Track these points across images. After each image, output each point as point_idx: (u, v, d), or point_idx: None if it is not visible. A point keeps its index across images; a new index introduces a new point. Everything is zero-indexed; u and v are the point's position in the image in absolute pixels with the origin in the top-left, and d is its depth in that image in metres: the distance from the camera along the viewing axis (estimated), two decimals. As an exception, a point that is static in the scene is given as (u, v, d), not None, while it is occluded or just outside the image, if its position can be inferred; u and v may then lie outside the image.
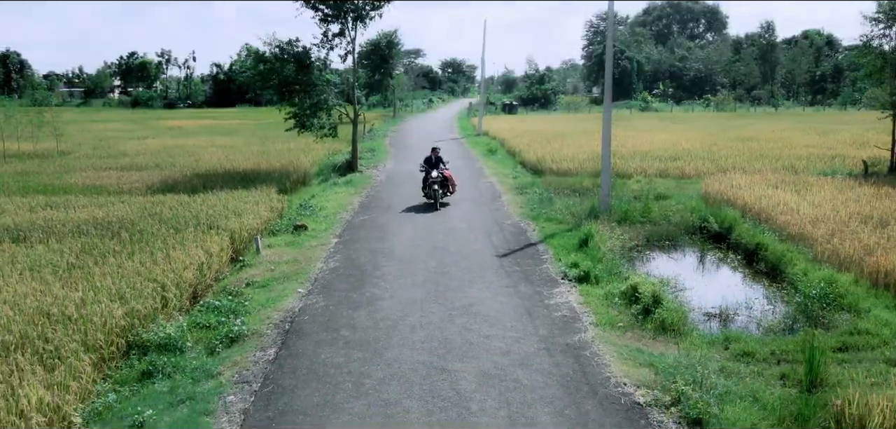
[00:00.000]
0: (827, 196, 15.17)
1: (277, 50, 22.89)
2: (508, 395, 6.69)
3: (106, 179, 21.37)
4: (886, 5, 20.17)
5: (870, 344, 8.09)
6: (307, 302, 9.70)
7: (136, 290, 9.10)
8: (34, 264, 10.53)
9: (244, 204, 15.74)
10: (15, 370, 6.66)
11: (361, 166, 25.07)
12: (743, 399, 6.65)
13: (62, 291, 9.02)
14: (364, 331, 8.49)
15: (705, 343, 8.22)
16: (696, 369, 7.06)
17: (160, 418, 6.30)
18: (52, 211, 15.30)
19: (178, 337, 8.14)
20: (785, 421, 6.24)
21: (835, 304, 9.42)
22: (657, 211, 15.99)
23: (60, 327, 7.78)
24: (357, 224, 15.30)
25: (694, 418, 6.23)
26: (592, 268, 10.90)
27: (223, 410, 6.49)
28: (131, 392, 6.97)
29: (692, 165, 22.21)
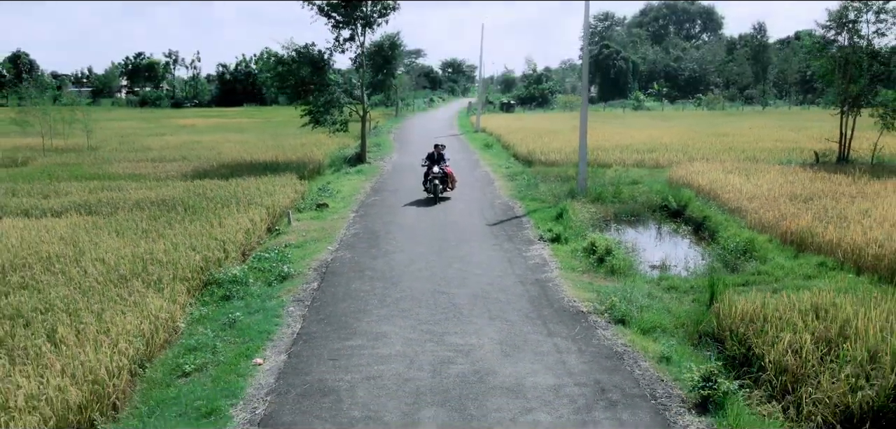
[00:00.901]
0: (769, 179, 17.82)
1: (294, 53, 25.58)
2: (490, 305, 9.34)
3: (142, 169, 23.98)
4: (835, 13, 22.79)
5: (765, 280, 10.70)
6: (336, 255, 12.36)
7: (203, 244, 11.76)
8: (117, 229, 13.18)
9: (272, 187, 18.38)
10: (137, 291, 9.29)
11: (370, 158, 27.72)
12: (658, 310, 9.28)
13: (147, 245, 11.68)
14: (383, 272, 11.14)
15: (643, 281, 10.86)
16: (628, 292, 9.72)
17: (245, 319, 8.94)
18: (110, 193, 17.95)
19: (242, 276, 10.79)
20: (683, 322, 8.87)
21: (749, 255, 12.06)
22: (627, 193, 18.63)
23: (156, 266, 10.43)
24: (370, 203, 17.95)
25: (619, 318, 8.87)
26: (563, 232, 13.55)
27: (287, 315, 9.14)
28: (217, 308, 9.61)
29: (666, 157, 24.84)
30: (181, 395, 6.75)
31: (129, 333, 7.76)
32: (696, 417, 6.36)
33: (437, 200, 17.54)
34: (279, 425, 6.16)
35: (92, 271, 10.12)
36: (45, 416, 6.00)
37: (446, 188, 18.19)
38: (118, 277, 9.93)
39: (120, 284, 9.55)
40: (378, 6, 25.97)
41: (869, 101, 22.94)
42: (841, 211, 13.49)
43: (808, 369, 6.84)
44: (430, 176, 17.89)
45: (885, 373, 6.44)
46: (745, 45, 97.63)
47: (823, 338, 7.35)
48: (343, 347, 7.96)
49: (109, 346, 7.32)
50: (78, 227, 13.49)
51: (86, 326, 7.78)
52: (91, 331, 7.63)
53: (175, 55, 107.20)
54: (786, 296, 8.65)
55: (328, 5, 25.54)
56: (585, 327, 8.68)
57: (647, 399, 6.68)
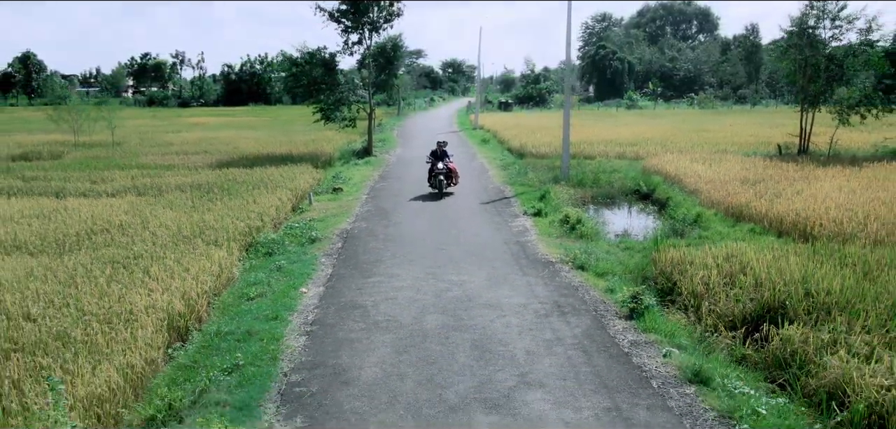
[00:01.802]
0: (728, 167, 20.31)
1: (307, 56, 28.10)
2: (480, 258, 11.86)
3: (170, 160, 26.47)
4: (797, 20, 25.28)
5: (703, 242, 13.19)
6: (354, 225, 14.88)
7: (243, 215, 14.26)
8: (169, 205, 15.70)
9: (291, 174, 20.89)
10: (200, 246, 11.79)
11: (376, 151, 30.23)
12: (612, 262, 11.76)
13: (198, 216, 14.19)
14: (393, 236, 13.66)
15: (605, 243, 13.37)
16: (590, 250, 12.22)
17: (288, 266, 11.45)
18: (150, 179, 20.45)
19: (279, 239, 13.30)
20: (631, 269, 11.36)
21: (696, 225, 14.55)
22: (605, 180, 21.14)
23: (210, 230, 12.93)
24: (378, 188, 20.45)
25: (579, 266, 11.37)
26: (544, 209, 16.06)
27: (320, 264, 11.66)
28: (263, 260, 12.11)
29: (646, 150, 27.32)
30: (251, 309, 9.26)
31: (203, 271, 10.27)
32: (624, 321, 8.86)
33: (441, 196, 18.54)
34: (326, 324, 8.67)
35: (160, 234, 12.65)
36: (160, 318, 8.49)
37: (450, 184, 18.91)
38: (182, 237, 12.45)
39: (185, 243, 12.06)
40: (383, 12, 28.45)
41: (826, 99, 25.44)
42: (778, 190, 15.99)
43: (711, 293, 9.33)
44: (435, 172, 18.58)
45: (762, 294, 8.92)
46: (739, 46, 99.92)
47: (727, 273, 9.86)
48: (366, 282, 10.47)
49: (192, 278, 9.82)
50: (134, 204, 16.02)
51: (170, 267, 10.28)
52: (177, 269, 10.14)
53: (181, 56, 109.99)
54: (707, 247, 11.16)
55: (338, 12, 28.04)
56: (552, 271, 11.19)
57: (591, 312, 9.18)
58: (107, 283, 9.47)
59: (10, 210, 15.52)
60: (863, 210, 13.18)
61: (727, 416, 6.28)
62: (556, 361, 7.45)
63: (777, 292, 8.70)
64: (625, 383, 6.93)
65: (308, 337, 8.26)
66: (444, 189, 18.56)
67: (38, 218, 14.57)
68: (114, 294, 8.93)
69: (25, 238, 12.75)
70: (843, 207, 13.59)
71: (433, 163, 18.77)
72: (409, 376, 7.08)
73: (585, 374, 7.14)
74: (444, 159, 18.78)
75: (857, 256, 10.04)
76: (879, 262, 9.74)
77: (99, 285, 9.32)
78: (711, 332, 8.41)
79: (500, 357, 7.54)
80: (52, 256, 11.47)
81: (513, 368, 7.25)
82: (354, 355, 7.67)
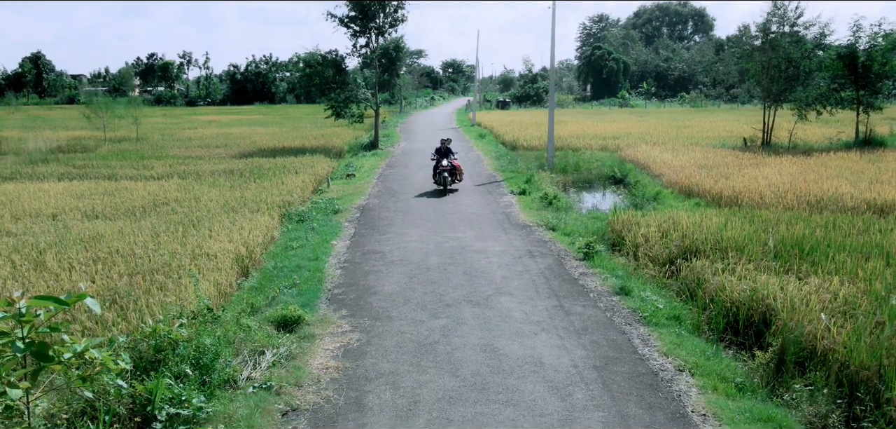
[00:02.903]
0: (693, 156, 23.19)
1: (320, 57, 31.00)
2: (471, 223, 14.76)
3: (196, 152, 29.38)
4: (760, 25, 28.17)
5: (654, 211, 16.06)
6: (368, 201, 17.78)
7: (276, 192, 17.14)
8: (211, 186, 18.58)
9: (310, 162, 23.79)
10: (247, 213, 14.66)
11: (382, 145, 33.12)
12: (579, 226, 14.62)
13: (239, 193, 17.08)
14: (401, 209, 16.55)
15: (576, 214, 16.23)
16: (562, 217, 15.10)
17: (319, 228, 14.33)
18: (187, 166, 23.35)
19: (308, 210, 16.18)
20: (593, 231, 14.22)
21: (654, 200, 17.42)
22: (585, 167, 24.03)
23: (252, 203, 15.82)
24: (386, 174, 23.35)
25: (551, 228, 14.26)
26: (528, 189, 18.95)
27: (344, 227, 14.55)
28: (297, 225, 14.97)
29: (626, 143, 30.17)
30: (296, 254, 12.15)
31: (253, 229, 13.15)
32: (578, 261, 11.74)
33: (446, 192, 18.69)
34: (354, 262, 11.56)
35: (211, 205, 15.56)
36: (230, 257, 11.35)
37: (454, 180, 19.07)
38: (230, 207, 15.35)
39: (233, 211, 14.96)
40: (389, 18, 31.34)
41: (786, 97, 28.33)
42: (727, 174, 18.88)
43: (647, 243, 12.21)
44: (440, 169, 18.76)
45: (684, 242, 11.78)
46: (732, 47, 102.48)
47: (663, 230, 12.74)
48: (382, 237, 13.38)
49: (246, 234, 12.70)
50: (181, 185, 18.92)
51: (227, 226, 13.16)
52: (233, 228, 13.02)
53: (189, 56, 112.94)
54: (653, 213, 14.05)
55: (347, 18, 30.92)
56: (529, 231, 14.09)
57: (554, 255, 12.07)
58: (183, 235, 12.36)
59: (77, 190, 18.43)
60: (786, 187, 16.09)
61: (637, 310, 9.16)
62: (523, 282, 10.35)
63: (694, 241, 11.58)
64: (570, 294, 9.82)
65: (342, 270, 11.17)
66: (448, 186, 18.80)
67: (103, 195, 17.48)
68: (192, 242, 11.82)
69: (101, 209, 15.67)
70: (773, 185, 16.49)
71: (437, 160, 19.02)
72: (417, 289, 9.98)
73: (543, 289, 10.03)
74: (448, 156, 19.05)
75: (762, 217, 12.93)
76: (778, 219, 12.63)
77: (177, 237, 12.21)
78: (642, 268, 11.30)
79: (482, 279, 10.43)
80: (130, 220, 14.38)
81: (491, 285, 10.15)
82: (377, 279, 10.57)
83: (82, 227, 13.59)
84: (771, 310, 8.25)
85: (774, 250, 10.64)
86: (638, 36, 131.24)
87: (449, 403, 6.42)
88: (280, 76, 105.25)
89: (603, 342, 7.96)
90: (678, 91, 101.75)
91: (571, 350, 7.69)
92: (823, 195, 15.04)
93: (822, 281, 8.92)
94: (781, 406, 6.52)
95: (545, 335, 8.14)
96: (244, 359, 7.31)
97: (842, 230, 11.71)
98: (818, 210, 14.03)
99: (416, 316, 8.82)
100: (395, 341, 7.96)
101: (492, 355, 7.54)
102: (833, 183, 16.37)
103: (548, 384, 6.82)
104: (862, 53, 26.63)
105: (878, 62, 26.49)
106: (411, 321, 8.62)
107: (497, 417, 6.15)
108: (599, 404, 6.42)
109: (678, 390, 6.79)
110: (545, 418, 6.14)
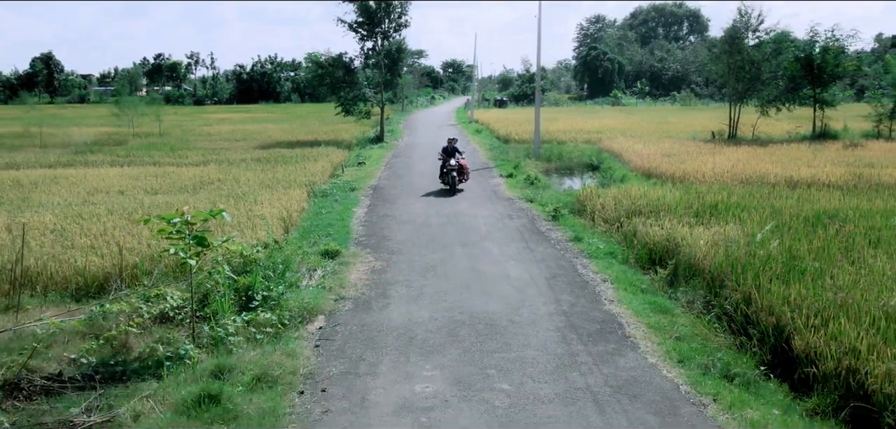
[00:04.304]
0: (662, 146, 26.45)
1: (331, 59, 34.30)
2: (466, 197, 18.06)
3: (220, 145, 32.61)
4: (727, 32, 31.40)
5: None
6: (379, 182, 21.06)
7: (301, 174, 20.40)
8: (245, 170, 21.84)
9: (325, 152, 27.05)
10: (281, 189, 17.89)
11: (387, 138, 36.39)
12: (554, 200, 17.85)
13: (271, 175, 20.35)
14: (406, 187, 19.82)
15: (553, 191, 19.48)
16: (540, 193, 18.37)
17: (341, 200, 17.60)
18: (217, 155, 26.59)
19: (329, 189, 19.44)
20: (564, 203, 17.45)
21: (620, 181, 20.66)
22: (567, 156, 27.29)
23: (283, 181, 19.07)
24: (393, 162, 26.63)
25: (529, 200, 17.52)
26: (515, 173, 22.21)
27: (361, 201, 17.82)
28: (322, 200, 18.22)
29: (608, 136, 33.43)
30: (325, 217, 15.41)
31: (289, 200, 16.39)
32: (547, 221, 14.98)
33: (453, 192, 18.54)
34: (372, 222, 14.83)
35: (250, 184, 18.82)
36: (277, 218, 14.57)
37: (461, 180, 18.94)
38: (266, 185, 18.62)
39: (270, 188, 18.21)
40: (393, 24, 34.61)
41: (750, 96, 31.60)
42: (684, 160, 22.13)
43: (603, 208, 15.44)
44: (447, 169, 18.66)
45: (631, 207, 15.00)
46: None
47: (617, 199, 15.98)
48: (392, 207, 16.66)
49: (285, 202, 15.94)
50: (218, 170, 22.18)
51: (269, 198, 16.41)
52: (273, 199, 16.27)
53: (196, 56, 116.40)
54: (612, 187, 17.31)
55: (356, 24, 34.19)
56: (511, 202, 17.37)
57: (529, 216, 15.33)
58: (235, 204, 15.60)
59: (130, 173, 21.67)
60: (727, 168, 19.35)
61: (584, 251, 12.40)
62: (502, 234, 13.62)
63: (638, 206, 14.85)
64: (536, 240, 13.09)
65: (364, 226, 14.46)
66: (455, 186, 18.61)
67: (155, 177, 20.74)
68: (243, 208, 15.07)
69: (158, 186, 18.93)
70: (718, 168, 19.75)
71: (444, 160, 18.89)
72: (422, 237, 13.25)
73: (516, 237, 13.29)
74: (454, 156, 18.92)
75: (696, 189, 16.20)
76: (708, 190, 15.88)
77: (231, 204, 15.45)
78: (596, 226, 14.56)
79: (471, 232, 13.70)
80: (188, 194, 17.63)
81: (477, 235, 13.42)
82: (391, 231, 13.84)
83: (150, 198, 16.85)
84: (677, 245, 11.50)
85: (696, 210, 13.91)
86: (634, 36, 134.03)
87: (443, 293, 9.69)
88: (284, 76, 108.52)
89: (554, 266, 11.23)
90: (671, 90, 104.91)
91: (530, 270, 10.96)
92: (753, 174, 18.32)
93: (720, 228, 12.17)
94: (667, 298, 9.77)
95: (513, 263, 11.41)
96: (303, 273, 10.59)
97: (754, 197, 14.96)
98: (745, 184, 17.28)
99: (421, 252, 12.10)
100: (407, 265, 11.24)
101: (474, 272, 10.81)
102: (766, 165, 19.65)
103: (511, 285, 10.09)
104: (816, 56, 29.87)
105: (830, 64, 29.73)
106: (418, 255, 11.90)
107: (475, 300, 9.42)
108: (544, 294, 9.69)
109: (600, 290, 10.05)
110: (507, 300, 9.40)
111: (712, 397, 6.53)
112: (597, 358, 7.39)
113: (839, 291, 8.14)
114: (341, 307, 9.22)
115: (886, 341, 6.86)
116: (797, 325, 7.54)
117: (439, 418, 6.02)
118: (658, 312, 9.01)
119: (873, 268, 9.20)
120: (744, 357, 7.63)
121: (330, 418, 6.07)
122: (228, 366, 6.92)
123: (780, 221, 12.23)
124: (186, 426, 5.82)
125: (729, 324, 8.56)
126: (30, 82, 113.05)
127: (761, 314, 8.13)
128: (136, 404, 6.36)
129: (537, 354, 7.49)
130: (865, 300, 7.87)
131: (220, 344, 7.77)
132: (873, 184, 16.89)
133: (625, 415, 6.10)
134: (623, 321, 8.61)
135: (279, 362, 7.15)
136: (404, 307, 9.15)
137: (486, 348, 7.66)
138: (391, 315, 8.84)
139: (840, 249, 10.31)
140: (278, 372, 6.87)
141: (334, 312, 9.00)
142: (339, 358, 7.45)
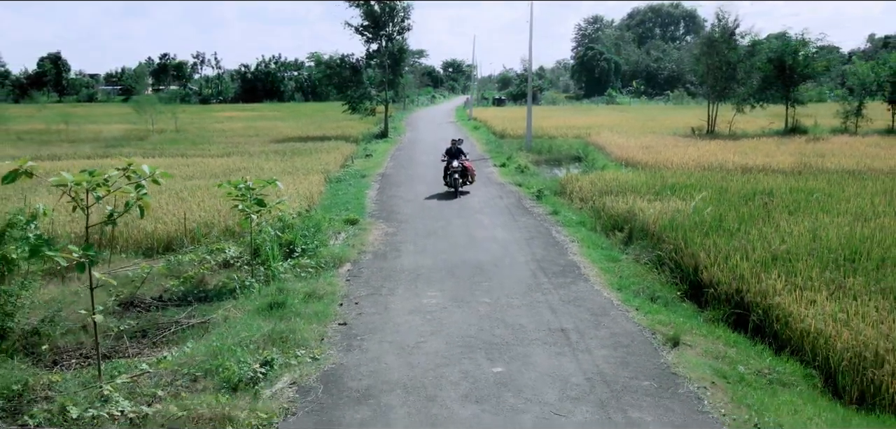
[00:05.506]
0: (643, 140, 29.01)
1: (339, 60, 36.89)
2: (462, 181, 20.64)
3: (236, 140, 35.12)
4: (706, 36, 33.95)
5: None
6: (386, 171, 23.64)
7: (317, 163, 22.95)
8: (266, 160, 24.39)
9: (335, 145, 29.63)
10: (302, 174, 20.44)
11: (391, 135, 38.96)
12: (539, 184, 20.41)
13: (291, 163, 22.91)
14: (410, 175, 22.40)
15: (540, 178, 22.04)
16: (529, 180, 20.94)
17: (354, 185, 20.17)
18: (237, 149, 29.13)
19: (342, 176, 22.01)
20: (548, 187, 20.01)
21: (601, 169, 23.21)
22: (556, 149, 29.86)
23: (302, 169, 21.62)
24: (397, 155, 29.21)
25: (518, 185, 20.09)
26: (507, 163, 24.79)
27: (371, 184, 20.40)
28: (337, 184, 20.77)
29: (596, 131, 35.97)
30: (342, 197, 17.98)
31: (309, 183, 18.94)
32: (532, 200, 17.54)
33: (456, 195, 17.95)
34: (382, 201, 17.40)
35: (273, 171, 21.38)
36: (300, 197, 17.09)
37: (466, 182, 18.51)
38: (287, 172, 21.16)
39: (291, 174, 20.75)
40: (397, 27, 37.17)
41: (727, 95, 34.17)
42: (660, 152, 24.69)
43: (580, 189, 17.98)
44: (451, 170, 18.23)
45: (605, 188, 17.55)
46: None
47: (595, 182, 18.53)
48: (398, 190, 19.24)
49: (307, 185, 18.49)
50: (242, 159, 24.74)
51: (292, 181, 18.95)
52: (295, 182, 18.81)
53: (202, 56, 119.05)
54: (593, 173, 19.88)
55: (362, 27, 36.77)
56: (502, 186, 19.95)
57: (516, 196, 17.89)
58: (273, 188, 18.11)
59: (161, 163, 24.16)
60: (694, 158, 21.91)
61: (559, 221, 14.95)
62: (493, 209, 16.20)
63: (610, 187, 17.40)
64: (520, 214, 15.66)
65: (376, 204, 17.05)
66: (459, 188, 18.14)
67: (186, 166, 23.25)
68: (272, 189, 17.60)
69: (191, 173, 21.46)
70: (687, 158, 22.31)
71: (448, 161, 18.44)
72: (424, 211, 15.84)
73: (504, 212, 15.87)
74: (458, 157, 18.44)
75: (661, 174, 18.76)
76: (673, 174, 18.43)
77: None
78: (573, 203, 17.12)
79: (467, 209, 16.28)
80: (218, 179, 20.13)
81: (472, 211, 16.01)
82: (398, 207, 16.42)
83: (189, 182, 19.40)
84: (634, 215, 14.06)
85: (657, 190, 16.49)
86: (631, 37, 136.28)
87: (443, 250, 12.27)
88: (288, 75, 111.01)
89: (533, 231, 13.82)
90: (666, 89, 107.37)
91: (513, 234, 13.55)
92: (714, 162, 20.89)
93: (672, 201, 14.74)
94: (621, 253, 12.34)
95: (501, 229, 13.99)
96: (330, 235, 13.17)
97: (708, 180, 17.53)
98: (705, 170, 19.83)
99: (425, 221, 14.69)
100: (413, 231, 13.83)
101: (469, 236, 13.39)
102: (729, 156, 22.22)
103: (497, 244, 12.67)
104: (788, 57, 32.43)
105: (801, 65, 32.30)
106: (422, 224, 14.50)
107: (468, 253, 11.99)
108: (522, 250, 12.26)
109: (567, 247, 12.61)
110: (493, 253, 11.97)
111: (635, 308, 9.10)
112: (556, 285, 9.97)
113: (742, 240, 10.74)
114: (363, 257, 11.80)
115: (766, 270, 9.45)
116: (706, 263, 10.13)
117: (440, 316, 8.60)
118: (610, 261, 11.60)
119: (780, 227, 11.79)
120: (668, 288, 10.22)
121: (365, 317, 8.65)
122: (285, 288, 9.50)
123: (723, 197, 14.81)
124: (264, 320, 8.38)
125: (661, 268, 11.14)
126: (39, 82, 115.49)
127: (684, 258, 10.73)
128: (223, 312, 8.94)
129: (513, 284, 10.06)
130: (761, 247, 10.46)
131: (274, 279, 10.35)
132: (815, 170, 19.46)
133: (570, 316, 8.66)
134: (581, 266, 11.18)
135: (322, 288, 9.73)
136: (412, 258, 11.73)
137: (475, 280, 10.24)
138: (403, 262, 11.42)
139: (761, 215, 12.90)
140: (322, 293, 9.46)
141: (358, 260, 11.59)
142: (365, 286, 10.04)
